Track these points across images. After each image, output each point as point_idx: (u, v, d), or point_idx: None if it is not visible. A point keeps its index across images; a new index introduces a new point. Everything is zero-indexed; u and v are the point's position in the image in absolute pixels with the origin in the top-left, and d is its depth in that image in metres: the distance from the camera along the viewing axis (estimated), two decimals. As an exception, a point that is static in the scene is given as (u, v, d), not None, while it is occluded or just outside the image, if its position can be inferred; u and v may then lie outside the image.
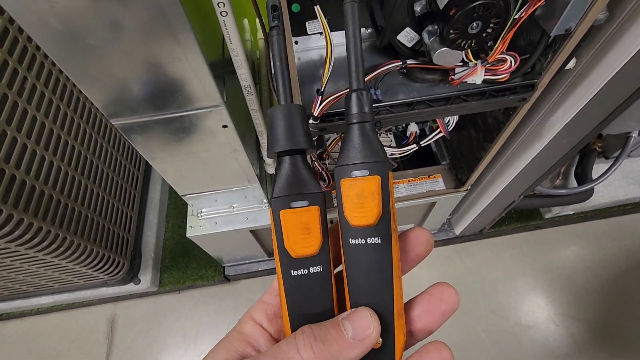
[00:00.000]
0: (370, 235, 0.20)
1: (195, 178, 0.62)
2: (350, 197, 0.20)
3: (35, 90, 0.65)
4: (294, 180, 0.21)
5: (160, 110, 0.45)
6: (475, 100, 0.45)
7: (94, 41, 0.35)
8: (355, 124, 0.21)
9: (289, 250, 0.20)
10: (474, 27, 0.37)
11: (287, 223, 0.20)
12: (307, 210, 0.20)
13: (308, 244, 0.20)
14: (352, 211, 0.20)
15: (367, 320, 0.19)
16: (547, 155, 0.60)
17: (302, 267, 0.20)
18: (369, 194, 0.20)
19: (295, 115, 0.21)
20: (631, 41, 0.40)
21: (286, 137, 0.21)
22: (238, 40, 0.42)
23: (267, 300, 0.23)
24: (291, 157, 0.21)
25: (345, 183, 0.20)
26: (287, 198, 0.20)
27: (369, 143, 0.20)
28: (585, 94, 0.47)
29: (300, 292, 0.20)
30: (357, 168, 0.20)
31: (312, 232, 0.20)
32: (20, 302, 0.93)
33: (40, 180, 0.63)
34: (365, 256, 0.20)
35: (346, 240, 0.20)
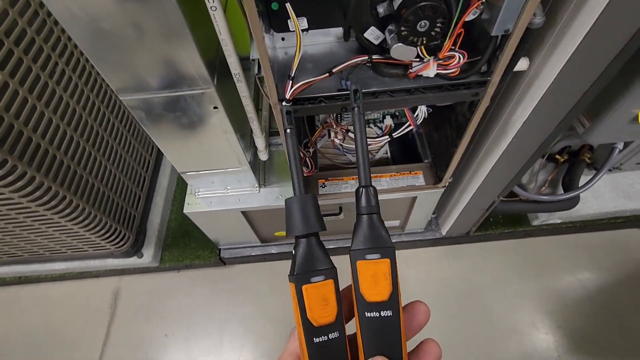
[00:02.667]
0: (383, 309, 0.23)
1: (192, 156, 0.70)
2: (366, 277, 0.24)
3: (63, 74, 0.75)
4: (311, 258, 0.24)
5: (159, 90, 0.53)
6: (432, 93, 0.50)
7: (107, 26, 0.43)
8: (365, 215, 0.25)
9: (311, 320, 0.23)
10: (422, 25, 0.43)
11: (309, 296, 0.23)
12: (324, 283, 0.24)
13: (327, 314, 0.23)
14: (368, 289, 0.24)
15: None
16: (515, 153, 0.64)
17: (323, 334, 0.23)
18: (381, 275, 0.23)
19: (308, 204, 0.25)
20: (568, 44, 0.44)
21: (302, 223, 0.25)
22: (227, 32, 0.49)
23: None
24: (307, 239, 0.25)
25: (362, 265, 0.24)
26: (307, 274, 0.24)
27: (378, 231, 0.25)
28: (537, 93, 0.51)
29: (321, 356, 0.23)
30: (370, 252, 0.24)
31: (329, 303, 0.24)
32: (36, 266, 1.03)
33: (61, 150, 0.73)
34: (379, 326, 0.23)
35: (362, 312, 0.24)
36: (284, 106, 0.29)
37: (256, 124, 0.69)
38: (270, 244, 1.06)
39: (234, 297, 1.08)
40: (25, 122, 0.65)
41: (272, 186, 0.83)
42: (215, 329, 1.02)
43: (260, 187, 0.83)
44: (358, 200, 0.26)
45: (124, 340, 1.03)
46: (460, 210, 0.87)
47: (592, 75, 0.48)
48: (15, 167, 0.63)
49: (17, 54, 0.64)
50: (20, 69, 0.65)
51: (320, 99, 0.51)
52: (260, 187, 0.83)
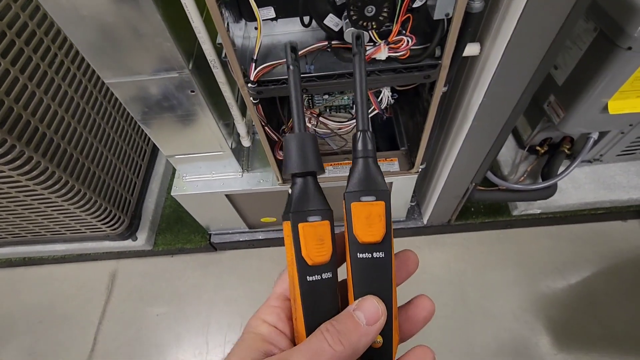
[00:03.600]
0: (375, 251, 0.23)
1: (176, 139, 0.75)
2: (360, 218, 0.23)
3: (65, 67, 0.82)
4: (308, 198, 0.24)
5: (139, 74, 0.58)
6: (386, 75, 0.54)
7: (86, 12, 0.48)
8: (361, 158, 0.25)
9: (306, 258, 0.23)
10: (369, 10, 0.47)
11: (305, 234, 0.23)
12: (321, 224, 0.24)
13: (322, 253, 0.23)
14: (362, 230, 0.23)
15: (375, 306, 0.22)
16: (478, 137, 0.67)
17: (317, 273, 0.23)
18: (376, 216, 0.23)
19: (307, 142, 0.25)
20: (508, 26, 0.47)
21: (300, 161, 0.24)
22: (199, 20, 0.54)
23: (275, 304, 0.25)
24: (304, 178, 0.25)
25: (356, 206, 0.24)
26: (304, 213, 0.24)
27: (374, 174, 0.25)
28: (488, 76, 0.55)
29: (313, 295, 0.23)
30: (365, 194, 0.24)
31: (325, 243, 0.24)
32: (39, 247, 1.10)
33: (58, 134, 0.79)
34: (371, 268, 0.23)
35: (354, 254, 0.24)
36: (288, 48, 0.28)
37: (236, 109, 0.73)
38: (258, 230, 1.11)
39: (222, 280, 1.13)
40: (25, 106, 0.71)
41: (254, 171, 0.87)
42: (203, 310, 1.07)
43: (244, 172, 0.87)
44: (355, 144, 0.25)
45: (118, 318, 1.09)
46: (436, 197, 0.90)
47: (536, 56, 0.51)
48: (14, 147, 0.69)
49: (18, 45, 0.70)
50: (21, 58, 0.71)
51: (283, 81, 0.55)
52: (244, 172, 0.87)
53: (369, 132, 0.25)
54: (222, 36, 0.48)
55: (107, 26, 0.50)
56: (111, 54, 0.54)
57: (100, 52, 0.54)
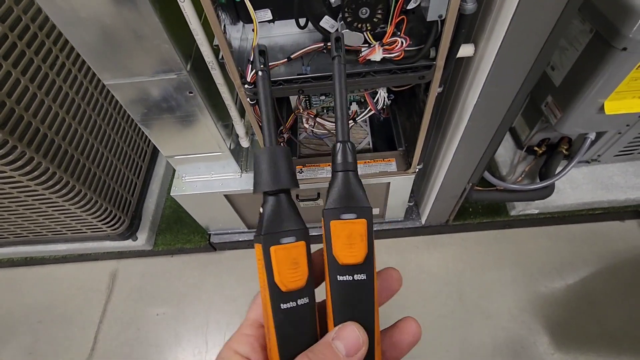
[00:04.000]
0: (357, 272, 0.22)
1: (175, 140, 0.75)
2: (340, 237, 0.22)
3: (66, 69, 0.83)
4: (280, 217, 0.22)
5: (138, 75, 0.59)
6: (381, 76, 0.54)
7: (85, 14, 0.49)
8: (340, 172, 0.23)
9: (279, 285, 0.21)
10: (364, 12, 0.48)
11: (277, 258, 0.21)
12: (295, 245, 0.22)
13: (297, 278, 0.21)
14: (342, 250, 0.22)
15: (355, 334, 0.20)
16: (473, 137, 0.68)
17: (291, 299, 0.21)
18: (357, 236, 0.22)
19: (279, 157, 0.23)
20: (501, 27, 0.48)
21: (271, 178, 0.23)
22: (197, 22, 0.55)
23: (248, 333, 0.23)
24: (276, 197, 0.23)
25: (336, 225, 0.22)
26: (277, 235, 0.22)
27: (354, 189, 0.23)
28: (482, 77, 0.55)
29: (288, 324, 0.21)
30: (346, 211, 0.22)
31: (300, 266, 0.22)
32: (40, 247, 1.11)
33: (59, 135, 0.80)
34: (352, 291, 0.22)
35: (333, 276, 0.22)
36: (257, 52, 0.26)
37: (234, 110, 0.74)
38: (257, 230, 1.12)
39: (222, 280, 1.13)
40: (26, 108, 0.72)
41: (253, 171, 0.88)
42: (203, 310, 1.08)
43: (242, 173, 0.88)
44: (334, 156, 0.24)
45: (118, 318, 1.09)
46: (434, 197, 0.90)
47: (529, 56, 0.51)
48: (15, 148, 0.70)
49: (20, 47, 0.71)
50: (23, 60, 0.72)
51: (280, 82, 0.56)
52: (242, 173, 0.88)
53: (349, 143, 0.24)
54: (219, 38, 0.49)
55: (106, 28, 0.51)
56: (110, 55, 0.55)
57: (100, 54, 0.55)
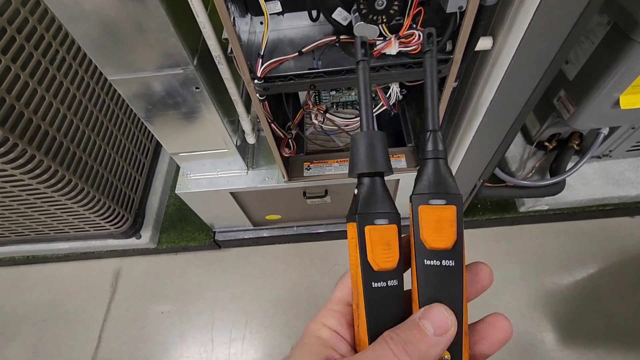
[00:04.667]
0: (445, 258, 0.22)
1: (180, 137, 0.73)
2: (429, 222, 0.22)
3: (67, 64, 0.80)
4: (375, 199, 0.23)
5: (143, 71, 0.57)
6: (396, 70, 0.53)
7: (88, 7, 0.47)
8: (431, 159, 0.23)
9: (371, 263, 0.22)
10: (380, 4, 0.45)
11: (371, 238, 0.22)
12: (388, 227, 0.22)
13: (389, 259, 0.22)
14: (430, 235, 0.22)
15: (443, 315, 0.20)
16: (487, 134, 0.66)
17: (382, 279, 0.22)
18: (447, 221, 0.22)
19: (376, 141, 0.24)
20: (523, 19, 0.46)
21: (368, 160, 0.23)
22: (204, 15, 0.53)
23: (336, 309, 0.24)
24: (372, 179, 0.23)
25: (425, 209, 0.22)
26: (371, 215, 0.22)
27: (445, 176, 0.23)
28: (500, 71, 0.53)
29: (378, 302, 0.22)
30: (435, 197, 0.22)
31: (392, 248, 0.22)
32: (42, 245, 1.09)
33: (61, 132, 0.78)
34: (440, 276, 0.22)
35: (420, 260, 0.22)
36: (359, 42, 0.25)
37: (241, 106, 0.72)
38: (262, 228, 1.10)
39: (226, 278, 1.12)
40: (27, 104, 0.70)
41: (259, 169, 0.86)
42: (207, 307, 1.07)
43: (249, 170, 0.86)
44: (424, 144, 0.24)
45: (122, 316, 1.08)
46: (443, 194, 0.89)
47: (550, 51, 0.49)
48: (16, 145, 0.68)
49: (19, 41, 0.69)
50: (22, 55, 0.70)
51: (290, 77, 0.54)
52: (249, 170, 0.86)
53: (439, 132, 0.24)
54: (229, 31, 0.47)
55: (110, 21, 0.49)
56: (114, 50, 0.53)
57: (103, 49, 0.53)
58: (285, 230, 1.09)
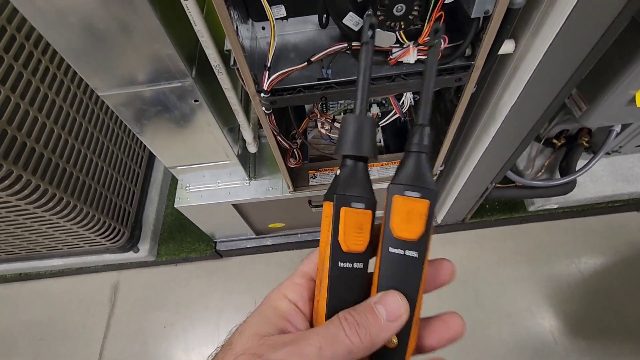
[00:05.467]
0: (409, 248, 0.22)
1: (178, 151, 0.69)
2: (400, 212, 0.22)
3: (54, 77, 0.75)
4: (355, 183, 0.23)
5: (136, 85, 0.52)
6: (414, 79, 0.49)
7: (74, 19, 0.42)
8: (414, 152, 0.24)
9: (341, 243, 0.22)
10: (399, 9, 0.41)
11: (345, 219, 0.22)
12: (364, 212, 0.23)
13: (359, 242, 0.23)
14: (399, 224, 0.22)
15: (397, 302, 0.21)
16: (505, 139, 0.63)
17: (349, 261, 0.23)
18: (417, 214, 0.22)
19: (366, 126, 0.24)
20: (553, 23, 0.42)
21: (355, 143, 0.24)
22: (202, 23, 0.48)
23: (299, 282, 0.24)
24: (356, 162, 0.24)
25: (398, 199, 0.23)
26: (349, 197, 0.23)
27: (423, 171, 0.23)
28: (524, 76, 0.50)
29: (341, 282, 0.23)
30: (410, 189, 0.23)
31: (363, 232, 0.23)
32: (35, 263, 1.04)
33: (49, 149, 0.73)
34: (401, 265, 0.22)
35: (386, 247, 0.23)
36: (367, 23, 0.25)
37: (242, 116, 0.68)
38: (265, 236, 1.07)
39: (229, 287, 1.09)
40: (9, 120, 0.65)
41: (262, 179, 0.82)
42: (212, 318, 1.04)
43: (251, 180, 0.82)
44: (410, 136, 0.24)
45: (124, 332, 1.05)
46: (454, 197, 0.86)
47: (579, 56, 0.46)
48: (11, 172, 0.63)
49: (7, 60, 0.64)
50: (11, 75, 0.64)
51: (299, 89, 0.50)
52: (251, 180, 0.82)
53: (427, 127, 0.24)
54: (232, 42, 0.42)
55: (99, 34, 0.44)
56: (105, 65, 0.48)
57: (93, 64, 0.48)
58: (289, 238, 1.06)
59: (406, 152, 0.24)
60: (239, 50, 0.43)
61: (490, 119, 0.61)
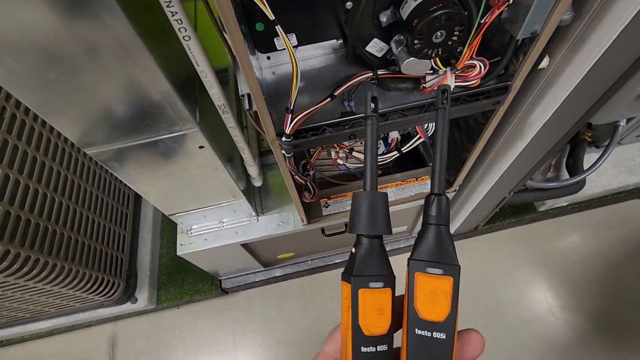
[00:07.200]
0: (437, 330, 0.21)
1: (179, 198, 0.62)
2: (424, 291, 0.22)
3: (23, 124, 0.65)
4: (371, 261, 0.23)
5: (132, 137, 0.45)
6: (449, 107, 0.44)
7: (54, 76, 0.34)
8: (433, 225, 0.23)
9: (362, 328, 0.21)
10: (438, 36, 0.37)
11: (364, 302, 0.22)
12: (383, 291, 0.22)
13: (380, 324, 0.22)
14: (424, 305, 0.21)
15: None
16: (531, 152, 0.60)
17: (372, 344, 0.22)
18: (442, 293, 0.21)
19: (378, 203, 0.23)
20: (600, 38, 0.39)
21: (369, 222, 0.23)
22: (205, 62, 0.42)
23: None
24: (371, 240, 0.23)
25: (421, 277, 0.22)
26: (366, 278, 0.22)
27: (445, 245, 0.22)
28: (561, 93, 0.46)
29: None
30: (433, 266, 0.22)
31: (384, 313, 0.22)
32: (18, 329, 0.93)
33: (26, 209, 0.63)
34: (429, 348, 0.21)
35: (412, 329, 0.22)
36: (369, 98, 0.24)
37: (247, 152, 0.61)
38: (274, 267, 1.00)
39: (241, 325, 1.02)
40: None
41: (271, 213, 0.76)
42: (227, 364, 0.97)
43: (259, 215, 0.76)
44: (427, 207, 0.23)
45: (129, 392, 0.95)
46: (470, 209, 0.83)
47: (623, 68, 0.43)
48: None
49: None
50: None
51: (323, 127, 0.44)
52: (259, 215, 0.76)
53: (444, 196, 0.23)
54: (252, 87, 0.36)
55: (93, 87, 0.37)
56: (98, 121, 0.41)
57: (82, 122, 0.40)
58: (299, 266, 1.00)
59: (424, 224, 0.23)
60: (259, 95, 0.37)
61: (517, 134, 0.58)
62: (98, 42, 0.32)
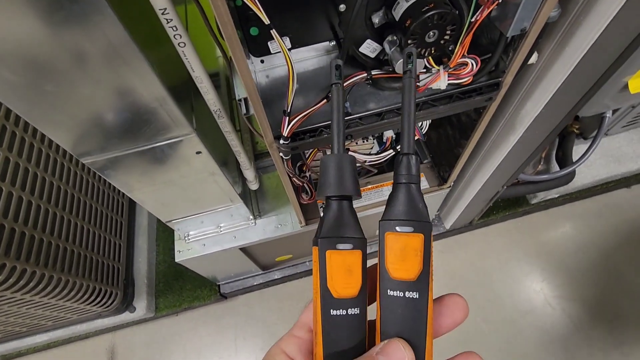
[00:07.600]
0: (409, 289, 0.21)
1: (177, 204, 0.62)
2: (393, 250, 0.21)
3: (13, 135, 0.64)
4: (340, 223, 0.22)
5: (129, 145, 0.45)
6: (442, 105, 0.45)
7: (50, 87, 0.34)
8: (402, 184, 0.22)
9: (331, 290, 0.21)
10: (431, 35, 0.38)
11: (332, 263, 0.21)
12: (351, 253, 0.21)
13: (349, 286, 0.21)
14: (394, 264, 0.21)
15: (400, 352, 0.20)
16: (523, 146, 0.61)
17: (342, 307, 0.21)
18: (411, 250, 0.21)
19: (346, 164, 0.23)
20: (587, 34, 0.40)
21: (336, 183, 0.23)
22: (200, 68, 0.42)
23: (298, 335, 0.23)
24: (339, 202, 0.23)
25: (390, 236, 0.21)
26: (334, 240, 0.21)
27: (415, 203, 0.22)
28: (550, 87, 0.48)
29: (336, 332, 0.21)
30: (402, 224, 0.21)
31: (354, 275, 0.21)
32: (15, 343, 0.91)
33: (20, 222, 0.62)
34: (402, 308, 0.21)
35: (384, 290, 0.21)
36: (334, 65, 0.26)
37: (244, 156, 0.62)
38: (273, 270, 1.00)
39: (241, 330, 1.01)
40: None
41: (268, 215, 0.76)
42: (229, 370, 0.96)
43: (256, 219, 0.76)
44: (397, 167, 0.23)
45: (131, 403, 0.94)
46: (465, 204, 0.84)
47: (610, 60, 0.44)
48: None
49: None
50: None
51: (320, 129, 0.45)
52: (256, 219, 0.76)
53: (413, 155, 0.23)
54: (250, 92, 0.36)
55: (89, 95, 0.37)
56: (93, 131, 0.41)
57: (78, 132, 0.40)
58: (297, 268, 1.00)
59: (395, 184, 0.23)
60: (257, 100, 0.37)
61: (509, 128, 0.59)
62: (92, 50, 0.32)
